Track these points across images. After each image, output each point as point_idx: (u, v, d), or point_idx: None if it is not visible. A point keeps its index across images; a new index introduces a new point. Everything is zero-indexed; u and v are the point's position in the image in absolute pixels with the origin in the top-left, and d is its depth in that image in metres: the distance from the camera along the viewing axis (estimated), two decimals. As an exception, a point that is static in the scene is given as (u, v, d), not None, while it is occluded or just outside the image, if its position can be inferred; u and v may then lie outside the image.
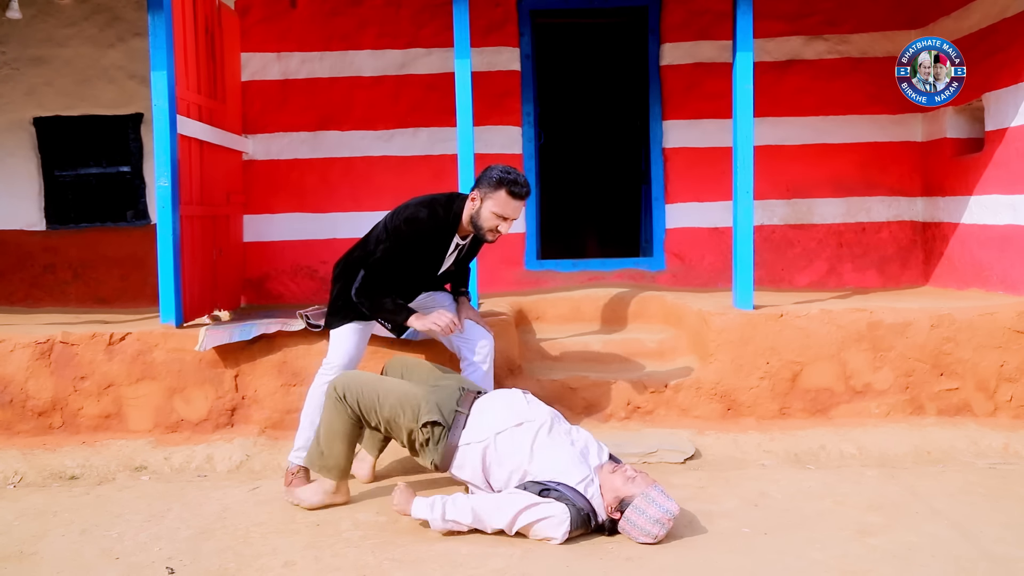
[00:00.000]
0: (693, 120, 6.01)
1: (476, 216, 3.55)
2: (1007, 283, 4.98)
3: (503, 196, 3.48)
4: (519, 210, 3.55)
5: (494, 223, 3.53)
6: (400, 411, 3.28)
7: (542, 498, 3.01)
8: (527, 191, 3.53)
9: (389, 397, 3.30)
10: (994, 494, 3.53)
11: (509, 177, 3.48)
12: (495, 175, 3.49)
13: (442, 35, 5.89)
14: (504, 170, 3.51)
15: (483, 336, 3.83)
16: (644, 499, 3.01)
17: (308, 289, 6.05)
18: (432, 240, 3.64)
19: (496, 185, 3.48)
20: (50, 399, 4.30)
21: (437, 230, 3.61)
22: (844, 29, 5.96)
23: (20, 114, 5.98)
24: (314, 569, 2.90)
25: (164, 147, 4.42)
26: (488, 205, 3.50)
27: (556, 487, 3.03)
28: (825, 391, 4.42)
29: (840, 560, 2.89)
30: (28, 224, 6.05)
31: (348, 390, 3.32)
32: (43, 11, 5.86)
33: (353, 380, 3.37)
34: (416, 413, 3.25)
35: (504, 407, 3.29)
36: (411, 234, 3.58)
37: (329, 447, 3.38)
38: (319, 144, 6.03)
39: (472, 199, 3.56)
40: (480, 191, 3.53)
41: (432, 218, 3.59)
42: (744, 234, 4.59)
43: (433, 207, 3.62)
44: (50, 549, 3.12)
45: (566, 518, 2.99)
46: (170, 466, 4.06)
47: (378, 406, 3.29)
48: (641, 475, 3.10)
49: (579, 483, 3.06)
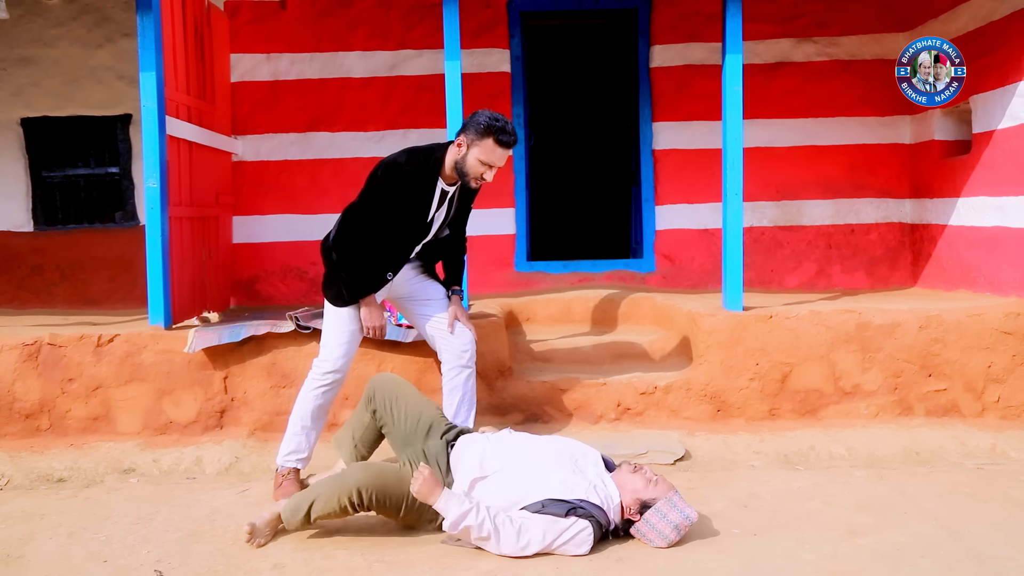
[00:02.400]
0: (683, 122, 6.03)
1: (461, 162, 3.46)
2: (994, 284, 5.01)
3: (490, 144, 3.40)
4: (505, 158, 3.47)
5: (479, 170, 3.45)
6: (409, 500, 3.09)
7: (568, 519, 2.93)
8: (515, 139, 3.44)
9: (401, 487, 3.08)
10: (982, 494, 3.54)
11: (497, 124, 3.39)
12: (483, 121, 3.40)
13: (432, 36, 5.89)
14: (492, 116, 3.42)
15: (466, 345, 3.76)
16: (667, 503, 2.99)
17: (298, 290, 6.04)
18: (413, 187, 3.52)
19: (484, 132, 3.39)
20: (38, 401, 4.28)
21: (417, 176, 3.51)
22: (833, 31, 5.99)
23: (8, 115, 5.95)
24: (304, 571, 2.89)
25: (153, 148, 4.40)
26: (474, 152, 3.42)
27: (580, 504, 2.96)
28: (814, 392, 4.43)
29: (830, 560, 2.90)
30: (15, 225, 6.02)
31: (364, 491, 3.03)
32: (31, 11, 5.83)
33: (367, 478, 3.07)
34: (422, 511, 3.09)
35: (473, 462, 3.14)
36: (389, 181, 3.49)
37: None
38: (309, 145, 6.02)
39: (458, 144, 3.47)
40: (466, 137, 3.43)
41: (411, 163, 3.50)
42: (733, 236, 4.60)
43: (413, 153, 3.55)
44: (37, 552, 3.10)
45: (590, 535, 2.94)
46: (159, 468, 4.04)
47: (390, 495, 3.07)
48: (661, 478, 3.08)
49: (587, 492, 3.00)
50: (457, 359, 3.78)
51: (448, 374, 3.80)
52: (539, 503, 2.97)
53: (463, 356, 3.78)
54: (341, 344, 3.67)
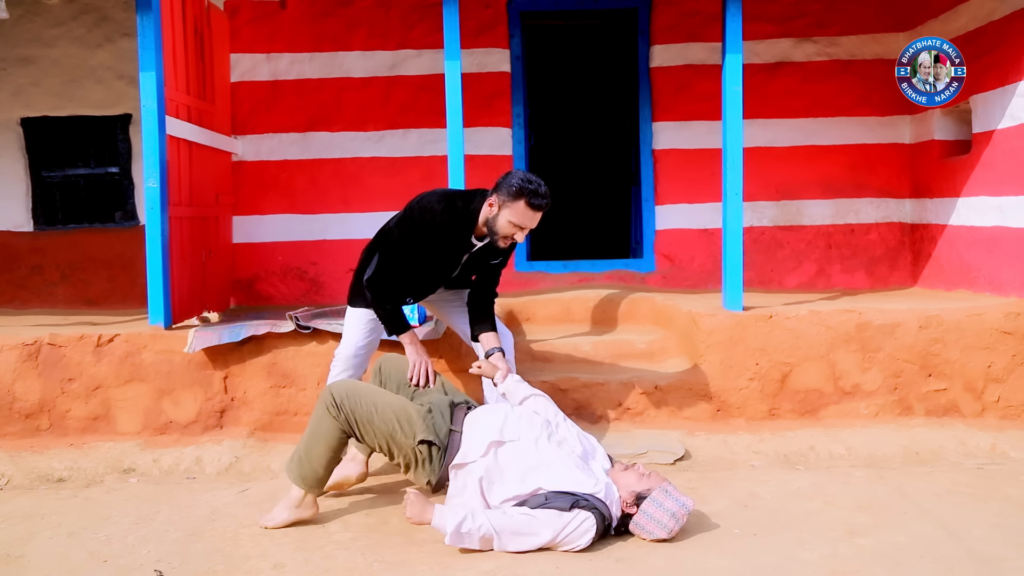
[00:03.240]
0: (683, 122, 6.03)
1: (492, 221, 3.41)
2: (994, 284, 5.01)
3: (522, 206, 3.33)
4: (537, 220, 3.39)
5: (510, 231, 3.39)
6: (397, 427, 3.15)
7: (572, 512, 2.94)
8: (548, 203, 3.36)
9: (386, 412, 3.16)
10: (982, 494, 3.54)
11: (530, 187, 3.32)
12: (515, 183, 3.33)
13: (432, 36, 5.89)
14: (525, 178, 3.34)
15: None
16: (661, 492, 3.03)
17: (298, 290, 6.04)
18: (446, 236, 3.50)
19: (516, 194, 3.32)
20: (37, 401, 4.28)
21: (451, 226, 3.47)
22: (833, 31, 5.99)
23: (7, 114, 5.95)
24: (304, 571, 2.89)
25: (153, 148, 4.40)
26: (505, 213, 3.35)
27: (586, 497, 2.98)
28: (814, 392, 4.43)
29: (829, 560, 2.90)
30: (15, 225, 6.02)
31: (344, 401, 3.16)
32: (31, 11, 5.82)
33: (350, 391, 3.20)
34: (412, 430, 3.15)
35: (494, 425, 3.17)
36: (424, 226, 3.46)
37: (309, 452, 3.22)
38: (309, 145, 6.02)
39: (490, 204, 3.41)
40: (499, 197, 3.37)
41: (447, 213, 3.46)
42: (733, 235, 4.60)
43: (451, 201, 3.49)
44: (37, 552, 3.10)
45: (592, 525, 2.95)
46: (159, 468, 4.04)
47: (374, 420, 3.15)
48: (653, 472, 3.12)
49: (595, 488, 3.02)
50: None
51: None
52: (543, 496, 2.99)
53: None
54: (360, 332, 3.75)
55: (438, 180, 5.55)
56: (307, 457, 3.24)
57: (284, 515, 3.27)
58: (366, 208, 5.95)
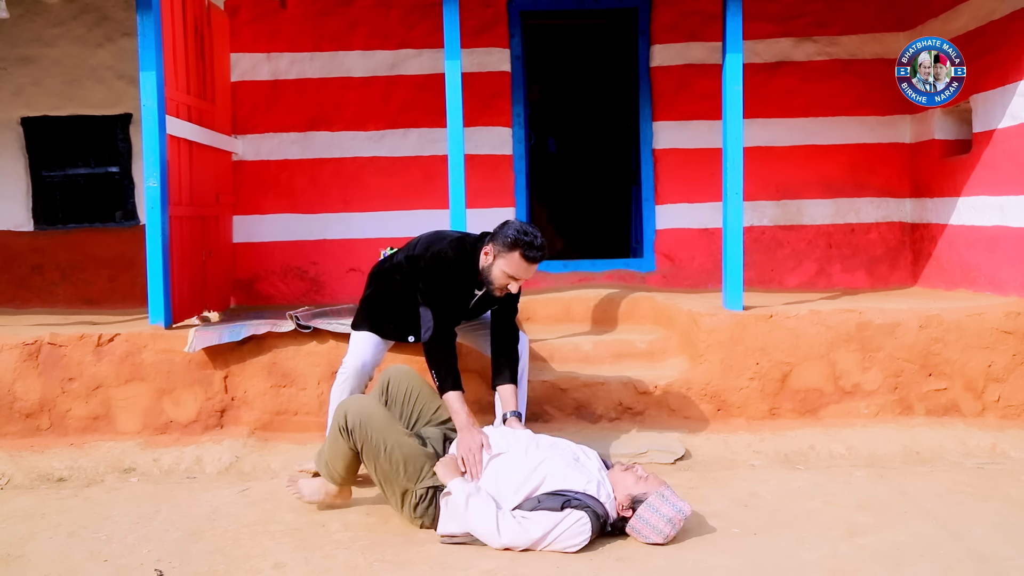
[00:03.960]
0: (683, 121, 6.03)
1: (487, 271, 3.42)
2: (995, 284, 5.01)
3: (516, 258, 3.33)
4: (531, 272, 3.39)
5: (504, 281, 3.40)
6: (401, 469, 3.13)
7: (563, 511, 2.95)
8: (543, 255, 3.36)
9: (394, 451, 3.13)
10: (982, 494, 3.54)
11: (525, 240, 3.31)
12: (511, 234, 3.32)
13: (432, 36, 5.89)
14: (521, 230, 3.33)
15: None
16: (658, 497, 3.01)
17: (298, 290, 6.04)
18: (456, 279, 3.50)
19: (511, 246, 3.32)
20: (38, 401, 4.28)
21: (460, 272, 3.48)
22: (833, 31, 5.99)
23: (8, 114, 5.95)
24: (304, 571, 2.89)
25: (153, 147, 4.41)
26: (500, 263, 3.36)
27: (576, 496, 2.98)
28: (815, 391, 4.43)
29: (830, 560, 2.90)
30: (16, 225, 6.02)
31: (355, 429, 3.15)
32: (31, 10, 5.83)
33: (364, 420, 3.16)
34: (417, 474, 3.14)
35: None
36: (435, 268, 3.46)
37: (333, 463, 3.30)
38: (309, 145, 6.02)
39: (485, 253, 3.41)
40: (494, 247, 3.38)
41: (458, 259, 3.47)
42: (734, 235, 4.60)
43: (460, 246, 3.49)
44: (38, 552, 3.10)
45: (587, 525, 2.95)
46: (159, 468, 4.04)
47: (379, 457, 3.13)
48: (652, 475, 3.11)
49: (587, 486, 3.03)
50: None
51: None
52: (535, 499, 3.00)
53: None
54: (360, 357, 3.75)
55: (438, 180, 5.56)
56: (330, 463, 3.32)
57: (319, 496, 3.39)
58: (366, 208, 5.95)
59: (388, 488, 3.21)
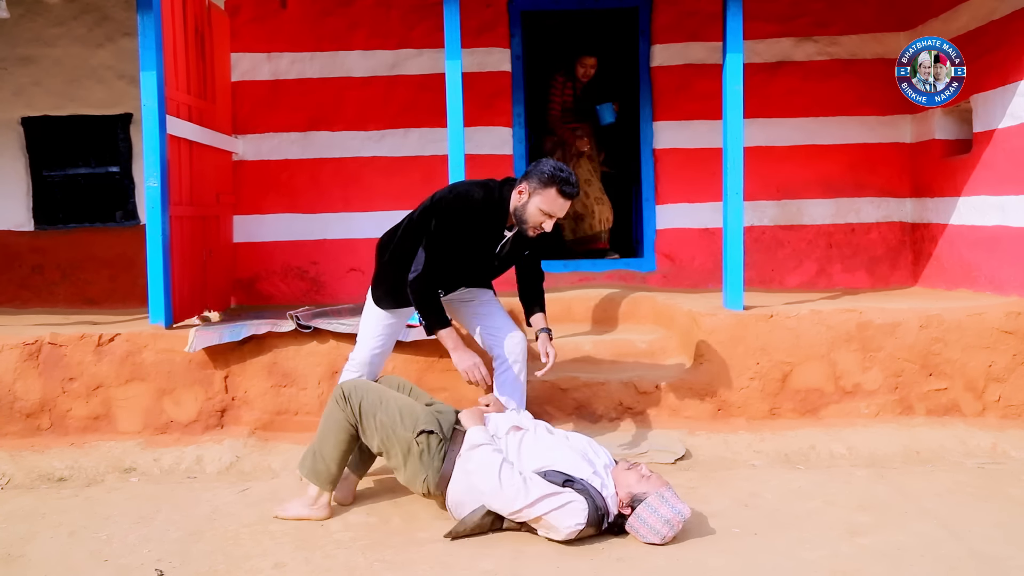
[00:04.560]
0: (683, 121, 6.03)
1: (521, 210, 3.43)
2: (995, 283, 5.00)
3: (553, 194, 3.36)
4: (565, 209, 3.43)
5: (539, 219, 3.41)
6: (398, 419, 3.22)
7: (563, 488, 2.99)
8: (577, 191, 3.42)
9: (390, 404, 3.27)
10: (982, 494, 3.54)
11: (562, 175, 3.36)
12: (547, 170, 3.37)
13: (433, 36, 5.89)
14: (557, 167, 3.39)
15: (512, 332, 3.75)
16: (658, 498, 3.02)
17: (298, 290, 6.04)
18: (482, 222, 3.49)
19: (548, 182, 3.35)
20: (38, 400, 4.28)
21: (488, 211, 3.47)
22: (833, 31, 5.98)
23: (8, 114, 5.95)
24: (304, 571, 2.89)
25: (153, 147, 4.41)
26: (536, 201, 3.38)
27: (580, 480, 3.03)
28: (815, 391, 4.43)
29: (830, 560, 2.90)
30: (16, 224, 6.02)
31: (352, 393, 3.28)
32: (31, 10, 5.83)
33: (359, 384, 3.35)
34: (414, 422, 3.21)
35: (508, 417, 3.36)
36: (461, 210, 3.45)
37: (321, 448, 3.31)
38: (309, 144, 6.02)
39: (519, 191, 3.43)
40: (529, 185, 3.40)
41: (486, 199, 3.47)
42: (734, 235, 4.60)
43: (485, 186, 3.51)
44: (38, 551, 3.10)
45: (583, 509, 2.96)
46: (159, 468, 4.04)
47: (378, 412, 3.23)
48: (655, 475, 3.11)
49: (592, 477, 3.07)
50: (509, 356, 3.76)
51: (498, 369, 3.78)
52: (543, 471, 3.06)
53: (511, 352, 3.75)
54: (370, 350, 3.75)
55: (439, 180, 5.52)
56: (320, 453, 3.32)
57: (297, 510, 3.35)
58: (367, 208, 5.95)
59: (391, 449, 3.23)
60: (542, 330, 3.79)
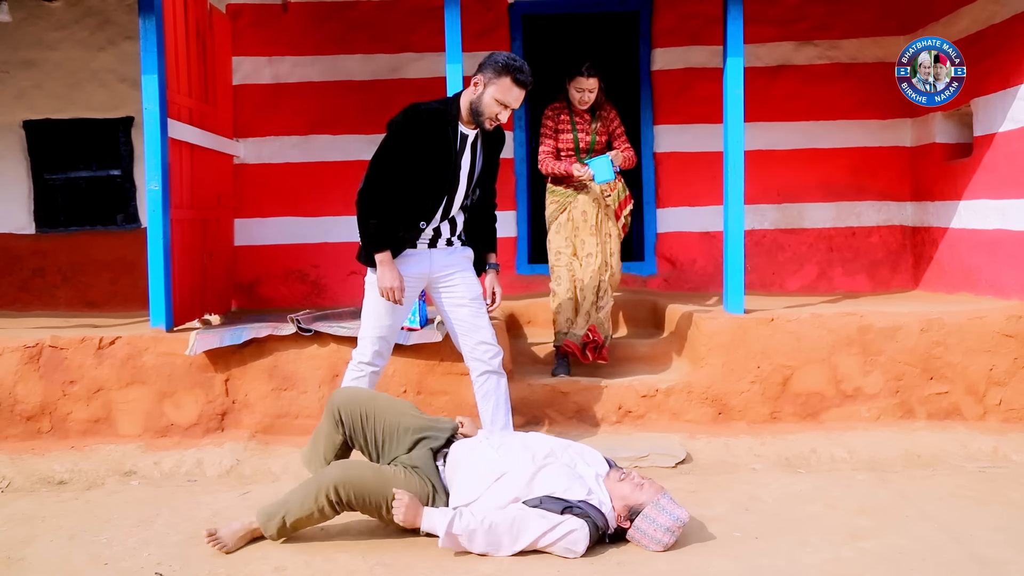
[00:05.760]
0: (684, 125, 6.03)
1: (477, 102, 3.47)
2: (996, 287, 5.00)
3: (507, 83, 3.41)
4: (520, 99, 3.48)
5: (495, 110, 3.46)
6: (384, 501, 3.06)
7: (563, 516, 2.94)
8: (531, 80, 3.46)
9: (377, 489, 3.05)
10: (984, 497, 3.54)
11: (515, 64, 3.41)
12: (501, 60, 3.42)
13: (434, 39, 5.89)
14: (510, 56, 3.45)
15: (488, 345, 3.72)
16: (654, 507, 2.99)
17: (299, 293, 6.04)
18: (432, 127, 3.51)
19: (501, 71, 3.41)
20: (39, 403, 4.28)
21: (436, 115, 3.51)
22: (834, 35, 5.99)
23: (10, 117, 5.96)
24: (304, 574, 2.89)
25: (155, 150, 4.41)
26: (491, 91, 3.43)
27: (578, 504, 2.96)
28: (816, 395, 4.43)
29: (831, 564, 2.90)
30: (17, 227, 6.03)
31: (342, 489, 3.02)
32: (33, 14, 5.84)
33: (349, 479, 3.05)
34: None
35: (474, 469, 3.11)
36: (406, 120, 3.50)
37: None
38: (310, 148, 6.02)
39: (474, 83, 3.47)
40: (483, 76, 3.45)
41: (429, 104, 3.53)
42: (735, 238, 4.60)
43: (429, 101, 3.59)
44: (38, 555, 3.10)
45: (585, 535, 2.93)
46: (160, 471, 4.04)
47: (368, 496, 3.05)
48: (649, 482, 3.07)
49: (588, 496, 3.01)
50: (484, 365, 3.73)
51: (477, 381, 3.77)
52: (537, 499, 2.99)
53: (486, 356, 3.72)
54: (376, 337, 3.68)
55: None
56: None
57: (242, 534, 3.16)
58: (367, 211, 5.94)
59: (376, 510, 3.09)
60: (490, 266, 3.87)
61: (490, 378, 3.74)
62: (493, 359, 3.74)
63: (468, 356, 3.78)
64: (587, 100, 4.73)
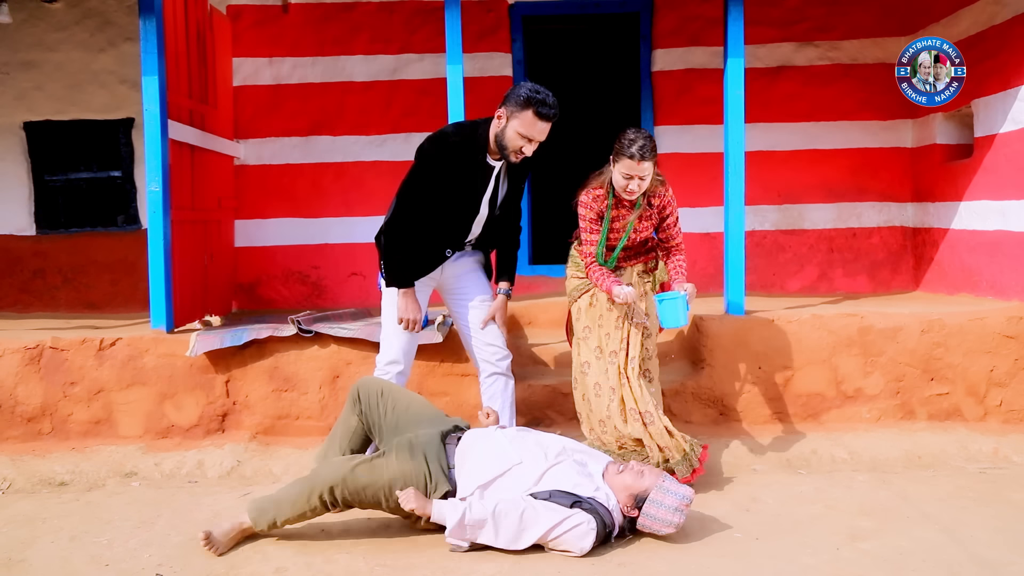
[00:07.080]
0: (685, 126, 6.03)
1: (501, 135, 3.42)
2: (996, 288, 5.00)
3: (529, 116, 3.34)
4: (545, 132, 3.41)
5: (518, 144, 3.40)
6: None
7: (572, 510, 2.95)
8: (555, 113, 3.38)
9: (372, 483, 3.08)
10: (984, 498, 3.54)
11: (538, 97, 3.33)
12: (523, 93, 3.34)
13: (434, 40, 5.90)
14: (533, 88, 3.36)
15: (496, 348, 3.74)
16: (659, 491, 3.02)
17: (300, 294, 6.04)
18: (461, 158, 3.47)
19: (524, 104, 3.33)
20: (40, 405, 4.28)
21: (464, 146, 3.46)
22: (835, 36, 5.99)
23: (10, 118, 5.96)
24: (305, 575, 2.88)
25: (155, 152, 4.41)
26: (514, 124, 3.37)
27: (588, 500, 2.98)
28: (816, 396, 4.43)
29: (832, 565, 2.90)
30: (18, 229, 6.03)
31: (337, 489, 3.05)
32: (33, 15, 5.84)
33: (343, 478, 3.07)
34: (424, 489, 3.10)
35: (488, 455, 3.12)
36: (437, 152, 3.45)
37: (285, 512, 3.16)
38: (311, 149, 6.02)
39: (498, 117, 3.42)
40: (507, 109, 3.38)
41: (458, 134, 3.48)
42: (735, 239, 4.60)
43: (459, 125, 3.54)
44: (39, 556, 3.10)
45: (592, 529, 2.95)
46: (160, 472, 4.04)
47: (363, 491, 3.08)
48: (649, 469, 3.11)
49: (596, 493, 3.03)
50: (492, 367, 3.75)
51: (485, 382, 3.78)
52: (547, 492, 3.01)
53: (493, 357, 3.73)
54: (399, 336, 3.68)
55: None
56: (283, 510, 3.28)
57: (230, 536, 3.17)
58: (368, 212, 5.94)
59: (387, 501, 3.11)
60: (501, 291, 3.84)
61: (497, 380, 3.75)
62: (501, 361, 3.76)
63: (477, 357, 3.80)
64: (634, 190, 3.65)
